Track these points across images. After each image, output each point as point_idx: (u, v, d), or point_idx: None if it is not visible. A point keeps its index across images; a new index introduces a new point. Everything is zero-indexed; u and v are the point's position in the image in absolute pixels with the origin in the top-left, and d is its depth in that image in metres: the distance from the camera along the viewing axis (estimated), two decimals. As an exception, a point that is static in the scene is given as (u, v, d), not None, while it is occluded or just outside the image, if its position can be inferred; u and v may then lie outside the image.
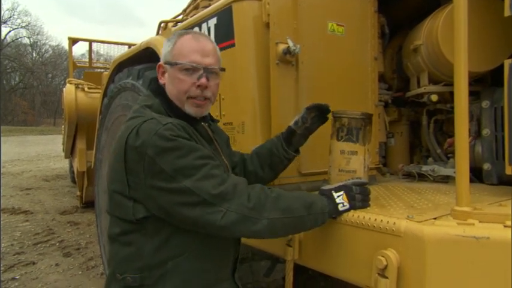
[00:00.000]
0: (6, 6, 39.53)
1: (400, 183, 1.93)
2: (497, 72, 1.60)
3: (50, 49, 45.47)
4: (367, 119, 1.45)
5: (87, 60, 7.50)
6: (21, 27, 41.30)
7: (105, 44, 7.81)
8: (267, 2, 1.61)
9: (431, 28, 1.85)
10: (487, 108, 1.74)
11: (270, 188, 1.17)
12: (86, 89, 6.01)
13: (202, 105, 1.25)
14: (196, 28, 1.97)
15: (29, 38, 42.34)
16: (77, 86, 6.05)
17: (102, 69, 7.34)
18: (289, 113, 1.63)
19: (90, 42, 7.20)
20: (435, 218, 1.12)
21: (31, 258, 4.18)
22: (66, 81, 6.56)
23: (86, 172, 5.89)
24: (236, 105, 1.74)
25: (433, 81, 1.95)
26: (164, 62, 1.27)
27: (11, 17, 39.85)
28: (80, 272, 3.80)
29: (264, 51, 1.63)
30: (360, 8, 1.93)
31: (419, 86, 2.01)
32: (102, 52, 8.95)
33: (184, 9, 3.40)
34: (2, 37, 38.27)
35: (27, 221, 5.76)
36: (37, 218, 5.90)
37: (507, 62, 1.33)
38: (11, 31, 40.24)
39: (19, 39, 41.83)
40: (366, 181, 1.39)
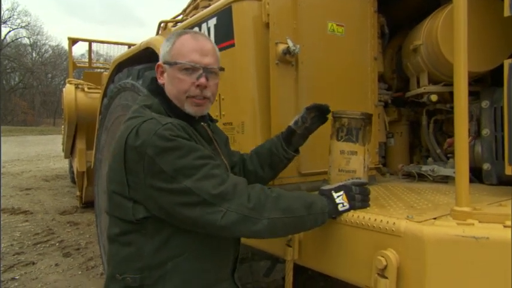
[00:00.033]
0: (6, 6, 39.60)
1: (399, 183, 1.93)
2: (497, 72, 1.60)
3: (49, 49, 45.53)
4: (367, 119, 1.45)
5: (87, 60, 7.50)
6: (21, 27, 41.35)
7: (105, 44, 7.83)
8: (267, 2, 1.61)
9: (431, 28, 1.85)
10: (487, 108, 1.74)
11: (270, 188, 1.17)
12: (85, 89, 6.01)
13: (202, 104, 1.25)
14: (196, 28, 1.97)
15: (28, 38, 42.40)
16: (76, 86, 6.05)
17: (102, 70, 7.34)
18: (289, 113, 1.63)
19: (90, 42, 7.20)
20: (435, 218, 1.12)
21: (31, 258, 4.17)
22: (66, 81, 6.56)
23: (85, 172, 5.89)
24: (236, 105, 1.74)
25: (432, 81, 1.95)
26: (163, 62, 1.26)
27: (10, 17, 39.89)
28: (80, 272, 3.80)
29: (264, 51, 1.63)
30: (360, 8, 1.93)
31: (419, 86, 2.01)
32: (102, 52, 9.01)
33: (184, 9, 3.40)
34: (2, 37, 38.31)
35: (27, 221, 5.76)
36: (37, 218, 5.90)
37: (507, 62, 1.33)
38: (10, 31, 40.31)
39: (19, 39, 41.88)
40: (366, 181, 1.39)
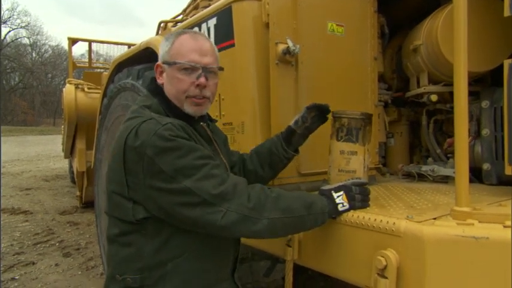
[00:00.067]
0: (6, 6, 39.60)
1: (399, 184, 1.93)
2: (497, 72, 1.60)
3: (49, 49, 45.54)
4: (367, 119, 1.45)
5: (87, 60, 7.50)
6: (21, 27, 41.35)
7: (104, 44, 7.82)
8: (267, 2, 1.61)
9: (431, 28, 1.85)
10: (487, 108, 1.74)
11: (270, 188, 1.17)
12: (85, 89, 6.01)
13: (202, 104, 1.25)
14: (196, 28, 1.97)
15: (28, 38, 42.40)
16: (76, 86, 6.04)
17: (102, 70, 7.34)
18: (288, 113, 1.63)
19: (90, 42, 7.20)
20: (435, 218, 1.11)
21: (31, 258, 4.17)
22: (66, 81, 6.56)
23: (85, 172, 5.89)
24: (236, 105, 1.74)
25: (432, 81, 1.95)
26: (162, 62, 1.26)
27: (10, 17, 39.90)
28: (80, 272, 3.79)
29: (264, 51, 1.63)
30: (360, 8, 1.93)
31: (419, 86, 2.01)
32: (101, 52, 9.00)
33: (184, 9, 3.40)
34: (2, 37, 38.32)
35: (27, 221, 5.76)
36: (37, 218, 5.90)
37: (507, 62, 1.33)
38: (10, 31, 40.31)
39: (19, 39, 41.88)
40: (366, 181, 1.39)
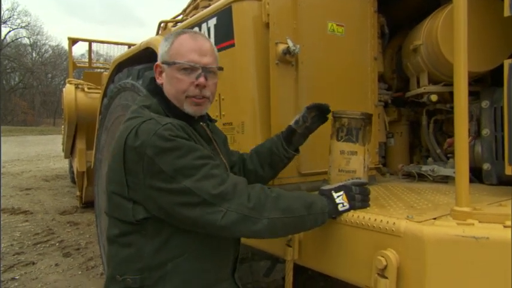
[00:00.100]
0: (6, 6, 39.60)
1: (399, 184, 1.93)
2: (497, 72, 1.60)
3: (49, 49, 45.53)
4: (367, 119, 1.45)
5: (87, 60, 7.50)
6: (21, 27, 41.35)
7: (104, 44, 7.82)
8: (267, 2, 1.61)
9: (431, 28, 1.85)
10: (487, 108, 1.74)
11: (270, 188, 1.17)
12: (85, 89, 6.01)
13: (201, 104, 1.25)
14: (196, 28, 1.97)
15: (28, 38, 42.39)
16: (76, 86, 6.05)
17: (102, 70, 7.34)
18: (288, 113, 1.63)
19: (90, 42, 7.20)
20: (435, 218, 1.11)
21: (31, 258, 4.17)
22: (66, 81, 6.56)
23: (85, 172, 5.89)
24: (236, 105, 1.74)
25: (432, 81, 1.95)
26: (162, 62, 1.26)
27: (10, 17, 39.89)
28: (80, 272, 3.80)
29: (264, 51, 1.63)
30: (360, 8, 1.93)
31: (419, 86, 2.01)
32: (102, 52, 9.00)
33: (184, 9, 3.40)
34: (2, 37, 38.31)
35: (27, 221, 5.76)
36: (37, 218, 5.90)
37: (507, 62, 1.33)
38: (10, 31, 40.30)
39: (19, 39, 41.88)
40: (366, 181, 1.39)
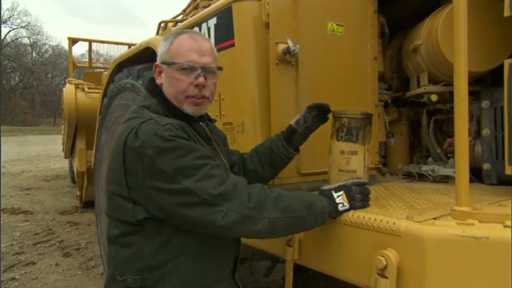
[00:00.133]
0: (6, 6, 39.61)
1: (399, 183, 1.93)
2: (497, 72, 1.60)
3: (49, 49, 45.54)
4: (367, 119, 1.45)
5: (87, 60, 7.50)
6: (21, 27, 41.37)
7: (105, 44, 7.82)
8: (267, 2, 1.61)
9: (431, 28, 1.85)
10: (487, 108, 1.74)
11: (270, 188, 1.17)
12: (85, 89, 6.02)
13: (201, 104, 1.25)
14: (196, 28, 1.97)
15: (28, 38, 42.40)
16: (76, 86, 6.05)
17: (102, 69, 7.34)
18: (289, 113, 1.63)
19: (90, 42, 7.20)
20: (435, 218, 1.11)
21: (31, 258, 4.18)
22: (66, 81, 6.57)
23: (85, 172, 5.89)
24: (236, 105, 1.74)
25: (432, 81, 1.95)
26: (161, 62, 1.26)
27: (10, 17, 39.91)
28: (80, 272, 3.80)
29: (264, 51, 1.63)
30: (360, 8, 1.93)
31: (419, 86, 2.01)
32: (102, 52, 9.00)
33: (184, 9, 3.40)
34: (2, 37, 38.32)
35: (27, 221, 5.76)
36: (37, 218, 5.90)
37: (507, 62, 1.33)
38: (10, 31, 40.32)
39: (19, 39, 41.88)
40: (366, 181, 1.39)
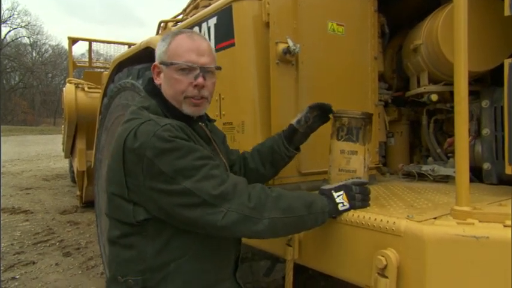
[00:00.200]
0: (6, 5, 39.59)
1: (400, 183, 1.93)
2: (497, 71, 1.60)
3: (49, 49, 45.54)
4: (367, 118, 1.45)
5: (87, 59, 7.51)
6: (21, 27, 41.36)
7: (105, 44, 7.82)
8: (267, 2, 1.61)
9: (431, 28, 1.85)
10: (487, 107, 1.74)
11: (270, 188, 1.17)
12: (85, 88, 6.02)
13: (200, 104, 1.25)
14: (196, 28, 1.97)
15: (28, 37, 42.39)
16: (76, 86, 6.06)
17: (102, 69, 7.34)
18: (289, 112, 1.63)
19: (90, 41, 7.20)
20: (435, 218, 1.12)
21: (31, 257, 4.18)
22: (66, 80, 6.57)
23: (85, 172, 5.90)
24: (236, 104, 1.74)
25: (433, 80, 1.95)
26: (159, 62, 1.26)
27: (10, 16, 39.89)
28: (80, 272, 3.80)
29: (264, 51, 1.63)
30: (360, 8, 1.93)
31: (419, 85, 2.01)
32: (102, 52, 8.99)
33: (184, 9, 3.39)
34: (2, 37, 38.31)
35: (27, 220, 5.76)
36: (37, 218, 5.90)
37: (507, 62, 1.33)
38: (10, 31, 40.31)
39: (19, 39, 41.88)
40: (366, 181, 1.39)
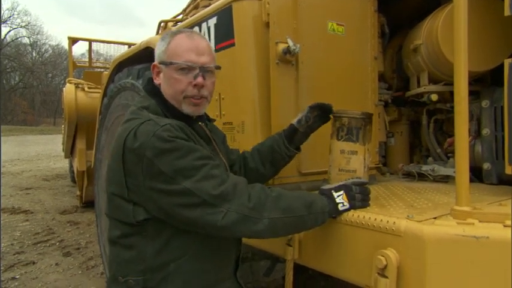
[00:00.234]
0: (6, 5, 39.59)
1: (400, 183, 1.93)
2: (497, 71, 1.60)
3: (49, 49, 45.52)
4: (367, 118, 1.45)
5: (87, 59, 7.51)
6: (21, 27, 41.34)
7: (105, 44, 7.82)
8: (267, 2, 1.61)
9: (431, 28, 1.85)
10: (487, 107, 1.74)
11: (270, 188, 1.17)
12: (85, 88, 6.02)
13: (200, 104, 1.25)
14: (196, 28, 1.97)
15: (28, 37, 42.39)
16: (76, 86, 6.06)
17: (102, 69, 7.34)
18: (289, 112, 1.63)
19: (90, 41, 7.20)
20: (435, 218, 1.12)
21: (31, 257, 4.18)
22: (66, 80, 6.57)
23: (85, 172, 5.90)
24: (236, 104, 1.74)
25: (433, 80, 1.95)
26: (159, 62, 1.25)
27: (10, 16, 39.89)
28: (80, 272, 3.80)
29: (264, 51, 1.63)
30: (360, 8, 1.93)
31: (419, 85, 2.01)
32: (102, 52, 8.99)
33: (184, 9, 3.39)
34: (2, 37, 38.31)
35: (27, 220, 5.76)
36: (37, 218, 5.90)
37: (507, 62, 1.33)
38: (10, 31, 40.30)
39: (19, 39, 41.87)
40: (366, 181, 1.39)
